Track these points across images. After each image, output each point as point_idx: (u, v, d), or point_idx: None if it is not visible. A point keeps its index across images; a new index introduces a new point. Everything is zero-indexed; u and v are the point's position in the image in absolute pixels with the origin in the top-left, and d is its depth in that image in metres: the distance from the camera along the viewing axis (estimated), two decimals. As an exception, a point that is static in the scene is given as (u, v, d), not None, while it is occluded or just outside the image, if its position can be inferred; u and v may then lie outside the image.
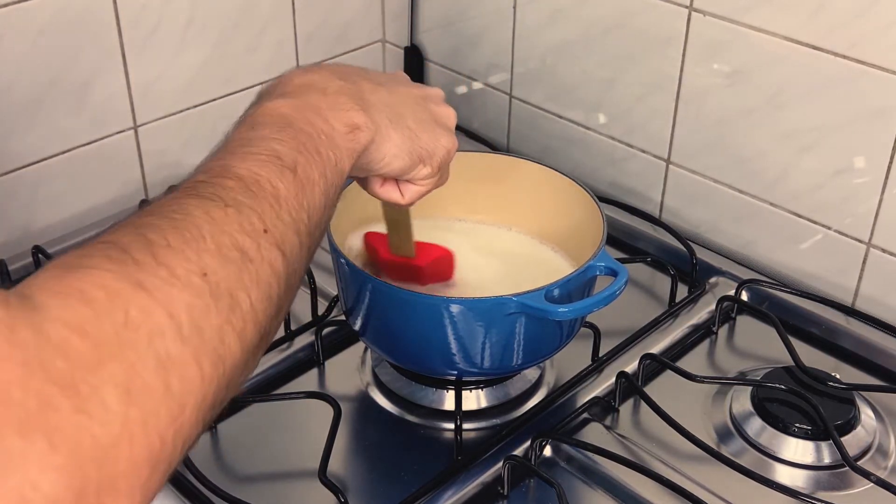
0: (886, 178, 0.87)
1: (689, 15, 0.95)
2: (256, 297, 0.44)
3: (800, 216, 0.94)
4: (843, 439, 0.76)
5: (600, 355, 0.85)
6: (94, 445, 0.35)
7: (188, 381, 0.39)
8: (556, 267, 0.84)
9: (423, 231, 0.84)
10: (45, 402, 0.35)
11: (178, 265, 0.41)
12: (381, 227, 0.80)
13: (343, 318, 0.83)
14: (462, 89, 1.20)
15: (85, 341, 0.36)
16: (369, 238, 0.82)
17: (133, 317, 0.38)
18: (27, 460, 0.34)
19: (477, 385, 0.81)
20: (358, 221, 0.82)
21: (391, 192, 0.67)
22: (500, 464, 0.74)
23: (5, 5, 0.91)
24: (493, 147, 1.16)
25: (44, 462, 0.34)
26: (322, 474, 0.71)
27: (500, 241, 0.87)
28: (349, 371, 0.86)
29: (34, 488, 0.34)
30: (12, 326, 0.35)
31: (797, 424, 0.77)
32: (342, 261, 0.75)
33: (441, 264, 0.81)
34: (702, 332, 0.91)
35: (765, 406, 0.79)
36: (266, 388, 0.83)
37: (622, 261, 0.80)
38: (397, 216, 0.76)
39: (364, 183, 0.68)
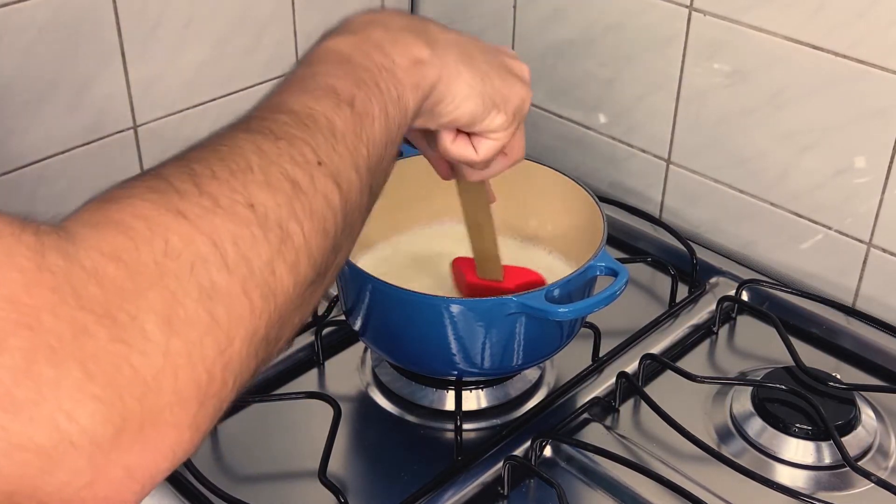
0: (887, 177, 0.87)
1: (690, 15, 0.95)
2: (310, 229, 0.42)
3: (800, 216, 0.94)
4: (843, 439, 0.76)
5: (600, 355, 0.85)
6: (135, 376, 0.34)
7: (236, 313, 0.37)
8: (555, 266, 0.84)
9: (418, 234, 0.84)
10: (79, 329, 0.33)
11: (222, 195, 0.39)
12: (455, 248, 0.80)
13: (343, 318, 0.83)
14: (462, 89, 1.20)
15: (121, 269, 0.35)
16: (457, 263, 0.81)
17: (173, 245, 0.37)
18: (61, 389, 0.32)
19: (477, 385, 0.81)
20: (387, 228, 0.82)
21: (464, 148, 0.62)
22: (501, 464, 0.74)
23: (4, 5, 0.91)
24: (493, 147, 1.16)
25: (79, 392, 0.33)
26: (322, 475, 0.71)
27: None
28: (349, 371, 0.86)
29: (70, 418, 0.33)
30: (42, 252, 0.34)
31: (798, 425, 0.77)
32: (342, 261, 0.75)
33: (530, 288, 0.76)
34: (702, 333, 0.91)
35: (765, 406, 0.79)
36: (266, 389, 0.83)
37: (622, 261, 0.80)
38: (480, 220, 0.73)
39: (434, 141, 0.63)
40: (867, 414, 0.80)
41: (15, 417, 0.32)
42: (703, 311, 0.92)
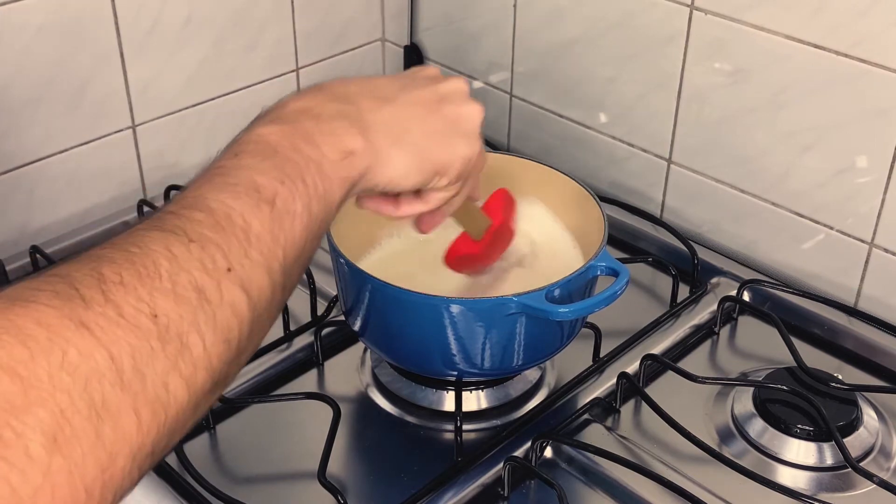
0: (889, 177, 0.86)
1: (691, 14, 0.94)
2: (211, 340, 0.41)
3: (802, 216, 0.94)
4: (845, 440, 0.75)
5: (601, 356, 0.85)
6: (11, 494, 0.33)
7: (122, 430, 0.37)
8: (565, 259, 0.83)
9: (425, 236, 0.84)
10: None
11: (127, 304, 0.39)
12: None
13: (342, 318, 0.83)
14: (462, 88, 1.20)
15: (15, 383, 0.35)
16: (450, 257, 0.79)
17: (71, 358, 0.36)
18: None
19: (477, 386, 0.81)
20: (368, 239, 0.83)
21: (411, 206, 0.63)
22: (501, 465, 0.73)
23: (2, 4, 0.90)
24: (494, 146, 1.16)
25: None
26: (321, 475, 0.71)
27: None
28: (349, 372, 0.85)
29: None
30: None
31: (799, 425, 0.77)
32: (342, 261, 0.74)
33: (499, 235, 0.78)
34: (703, 333, 0.91)
35: (766, 407, 0.79)
36: (265, 389, 0.83)
37: (623, 261, 0.80)
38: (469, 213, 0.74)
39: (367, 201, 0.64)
40: (869, 415, 0.79)
41: None
42: (705, 311, 0.91)
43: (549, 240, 0.85)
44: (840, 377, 0.82)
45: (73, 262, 0.41)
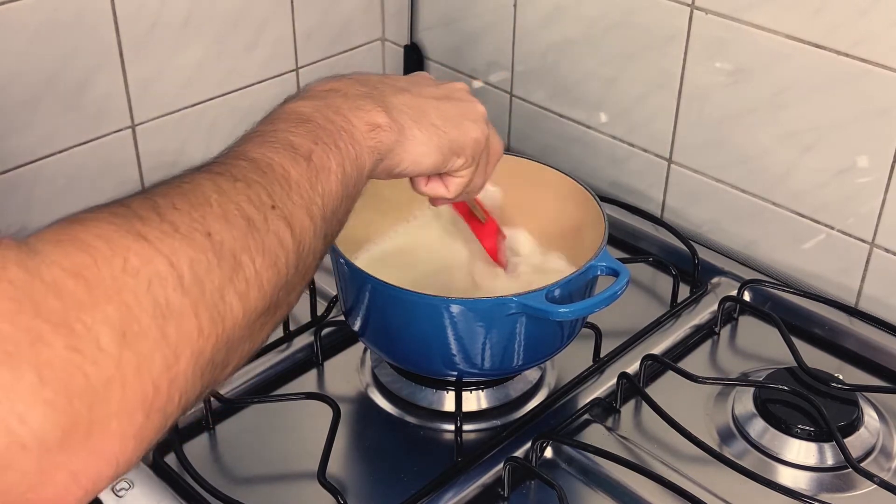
0: (890, 177, 0.86)
1: (691, 13, 0.94)
2: (261, 263, 0.44)
3: (802, 216, 0.94)
4: (846, 441, 0.75)
5: (601, 356, 0.85)
6: (86, 384, 0.35)
7: (185, 332, 0.39)
8: (556, 267, 0.84)
9: (425, 232, 0.84)
10: (35, 336, 0.35)
11: (182, 222, 0.41)
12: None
13: (342, 318, 0.83)
14: (462, 88, 1.20)
15: (80, 283, 0.37)
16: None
17: (132, 263, 0.38)
18: (14, 392, 0.34)
19: (477, 386, 0.81)
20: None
21: (437, 188, 0.68)
22: (501, 465, 0.73)
23: (2, 3, 0.90)
24: (494, 146, 1.16)
25: (32, 395, 0.34)
26: (321, 476, 0.71)
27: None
28: (348, 372, 0.85)
29: (21, 421, 0.34)
30: (4, 265, 0.36)
31: (800, 426, 0.77)
32: (341, 260, 0.74)
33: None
34: (704, 333, 0.90)
35: (767, 407, 0.79)
36: (265, 389, 0.83)
37: (624, 261, 0.80)
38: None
39: (410, 182, 0.69)
40: (870, 415, 0.79)
41: None
42: (705, 311, 0.91)
43: (542, 261, 0.86)
44: (841, 377, 0.81)
45: (127, 196, 0.43)
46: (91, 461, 0.36)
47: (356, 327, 0.78)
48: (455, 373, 0.76)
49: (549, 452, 0.77)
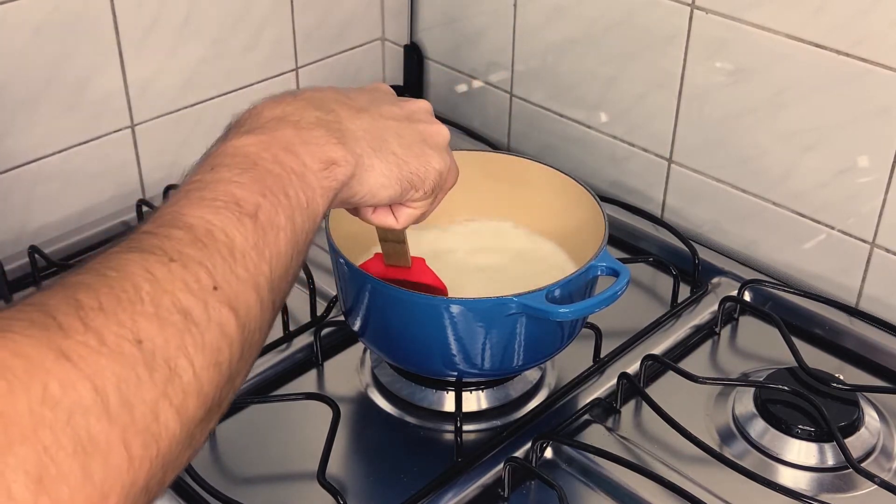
0: (890, 177, 0.86)
1: (691, 13, 0.94)
2: (201, 364, 0.39)
3: (803, 216, 0.93)
4: (846, 441, 0.75)
5: (602, 356, 0.85)
6: None
7: (113, 467, 0.35)
8: (557, 263, 0.84)
9: (423, 234, 0.83)
10: None
11: (108, 331, 0.36)
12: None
13: (342, 318, 0.83)
14: (462, 88, 1.20)
15: None
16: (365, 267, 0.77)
17: (52, 391, 0.34)
18: None
19: (477, 386, 0.81)
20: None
21: (385, 218, 0.62)
22: (501, 466, 0.73)
23: (1, 3, 0.90)
24: (494, 146, 1.16)
25: None
26: (321, 476, 0.71)
27: (501, 238, 0.87)
28: (348, 372, 0.85)
29: None
30: None
31: (800, 426, 0.77)
32: (341, 261, 0.74)
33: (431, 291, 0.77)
34: (704, 333, 0.90)
35: (768, 407, 0.79)
36: (264, 390, 0.83)
37: (624, 261, 0.80)
38: (388, 234, 0.72)
39: (354, 211, 0.63)
40: (870, 415, 0.79)
41: None
42: (705, 311, 0.91)
43: (537, 246, 0.85)
44: (841, 377, 0.81)
45: (46, 290, 0.38)
46: None
47: (356, 327, 0.78)
48: (455, 373, 0.76)
49: (549, 453, 0.77)
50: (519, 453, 0.75)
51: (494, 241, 0.87)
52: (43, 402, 0.34)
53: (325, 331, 0.87)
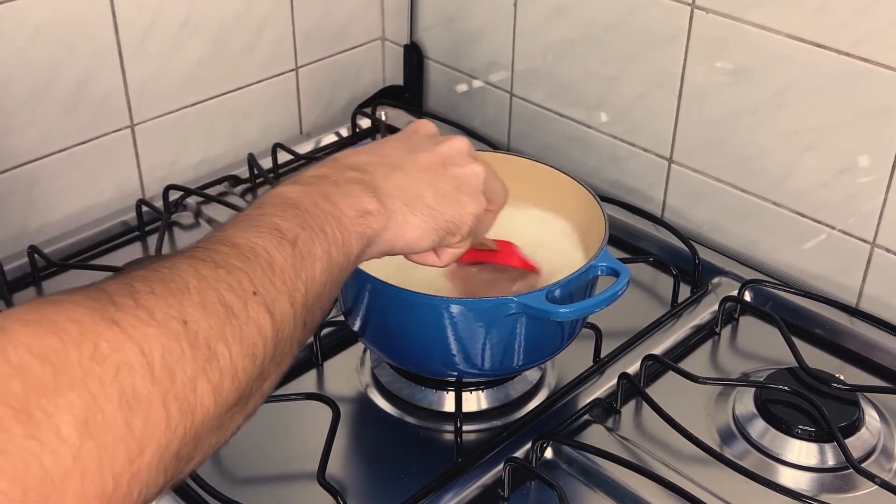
0: (891, 177, 0.86)
1: (692, 12, 0.94)
2: (238, 353, 0.43)
3: (803, 216, 0.93)
4: (847, 441, 0.75)
5: (602, 356, 0.85)
6: (43, 475, 0.34)
7: (152, 424, 0.38)
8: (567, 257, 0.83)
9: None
10: None
11: (158, 309, 0.40)
12: None
13: (342, 318, 0.82)
14: (462, 87, 1.19)
15: (46, 367, 0.36)
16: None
17: (102, 349, 0.37)
18: None
19: (477, 386, 0.81)
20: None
21: (428, 258, 0.66)
22: (501, 466, 0.73)
23: (1, 3, 0.90)
24: (494, 146, 1.15)
25: None
26: (321, 476, 0.71)
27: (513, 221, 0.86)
28: (348, 372, 0.85)
29: None
30: None
31: (801, 426, 0.77)
32: (341, 261, 0.74)
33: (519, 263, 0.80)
34: (704, 333, 0.90)
35: (768, 407, 0.78)
36: (264, 390, 0.83)
37: (624, 261, 0.80)
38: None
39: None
40: (871, 415, 0.79)
41: None
42: (706, 311, 0.91)
43: (552, 239, 0.85)
44: (842, 378, 0.81)
45: (105, 279, 0.42)
46: None
47: (356, 327, 0.78)
48: (455, 373, 0.76)
49: (549, 453, 0.76)
50: (519, 453, 0.75)
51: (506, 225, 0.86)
52: (93, 357, 0.37)
53: (325, 331, 0.87)
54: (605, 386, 0.82)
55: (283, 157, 1.12)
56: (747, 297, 0.93)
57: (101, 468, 0.36)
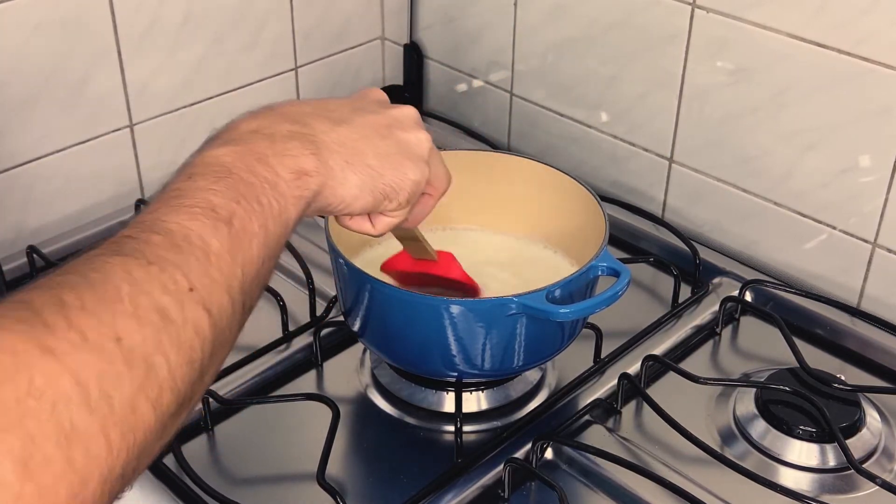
0: (892, 177, 0.86)
1: (692, 12, 0.94)
2: (176, 361, 0.42)
3: (804, 216, 0.93)
4: (848, 442, 0.75)
5: (602, 357, 0.85)
6: None
7: (93, 454, 0.37)
8: (557, 266, 0.84)
9: (423, 232, 0.83)
10: None
11: (90, 329, 0.39)
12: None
13: (342, 318, 0.82)
14: (462, 87, 1.19)
15: None
16: (387, 266, 0.79)
17: (37, 384, 0.36)
18: None
19: (477, 387, 0.80)
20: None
21: (362, 225, 0.63)
22: (501, 466, 0.73)
23: (0, 3, 0.90)
24: (494, 146, 1.15)
25: None
26: (320, 477, 0.70)
27: (501, 247, 0.86)
28: (348, 373, 0.85)
29: None
30: None
31: (801, 427, 0.77)
32: (340, 261, 0.74)
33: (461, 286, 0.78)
34: (705, 333, 0.90)
35: (769, 408, 0.78)
36: (264, 390, 0.83)
37: (624, 261, 0.80)
38: (403, 232, 0.73)
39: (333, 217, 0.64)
40: (872, 416, 0.79)
41: None
42: (706, 311, 0.91)
43: (537, 253, 0.85)
44: (843, 378, 0.81)
45: (32, 288, 0.40)
46: None
47: (356, 328, 0.78)
48: (455, 373, 0.76)
49: (549, 453, 0.76)
50: (519, 454, 0.75)
51: (493, 251, 0.86)
52: (28, 393, 0.36)
53: (325, 331, 0.87)
54: (605, 386, 0.82)
55: (283, 156, 1.12)
56: (748, 297, 0.93)
57: None
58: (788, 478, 0.75)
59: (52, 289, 0.40)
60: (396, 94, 1.25)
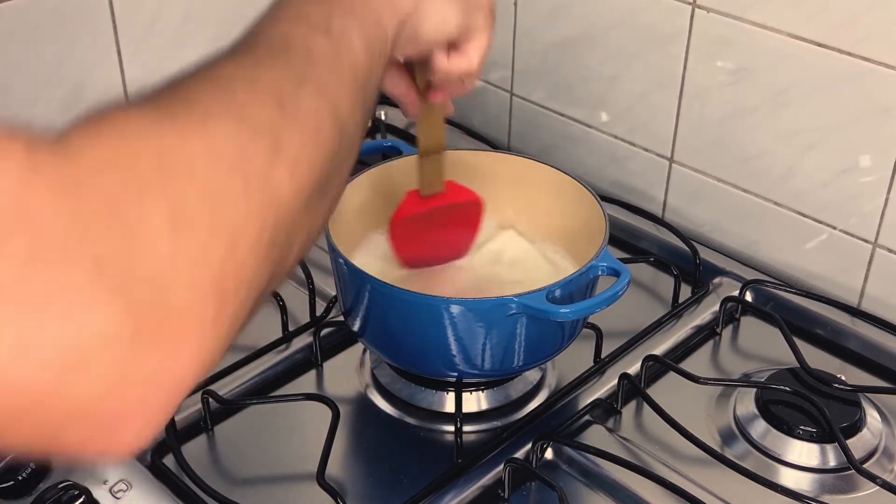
0: (893, 176, 0.86)
1: (693, 12, 0.94)
2: (302, 140, 0.43)
3: (805, 216, 0.93)
4: (848, 442, 0.75)
5: (602, 357, 0.85)
6: (147, 275, 0.33)
7: (237, 213, 0.37)
8: (557, 266, 0.83)
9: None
10: (84, 228, 0.32)
11: (213, 107, 0.40)
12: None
13: (342, 318, 0.82)
14: (462, 87, 1.19)
15: (121, 171, 0.35)
16: (397, 217, 0.80)
17: (170, 148, 0.37)
18: (71, 290, 0.31)
19: (477, 387, 0.80)
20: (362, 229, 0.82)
21: (460, 61, 0.65)
22: (501, 467, 0.73)
23: (0, 3, 0.90)
24: (494, 145, 1.15)
25: (93, 290, 0.32)
26: (320, 477, 0.70)
27: (501, 247, 0.86)
28: (348, 373, 0.85)
29: (85, 318, 0.31)
30: (38, 159, 0.33)
31: (802, 427, 0.77)
32: (340, 261, 0.74)
33: (468, 212, 0.81)
34: (705, 334, 0.90)
35: (769, 408, 0.78)
36: (264, 390, 0.82)
37: (625, 261, 0.79)
38: (437, 139, 0.76)
39: (428, 63, 0.66)
40: (872, 416, 0.79)
41: (26, 322, 0.31)
42: (707, 311, 0.91)
43: (536, 254, 0.85)
44: (843, 378, 0.81)
45: (154, 90, 0.42)
46: (167, 360, 0.34)
47: (356, 328, 0.78)
48: (455, 373, 0.76)
49: (549, 454, 0.76)
50: (519, 454, 0.75)
51: (494, 251, 0.86)
52: (164, 157, 0.36)
53: (325, 331, 0.86)
54: (605, 386, 0.82)
55: (283, 156, 1.12)
56: (748, 297, 0.93)
57: (204, 262, 0.35)
58: (789, 478, 0.75)
59: (172, 85, 0.42)
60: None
